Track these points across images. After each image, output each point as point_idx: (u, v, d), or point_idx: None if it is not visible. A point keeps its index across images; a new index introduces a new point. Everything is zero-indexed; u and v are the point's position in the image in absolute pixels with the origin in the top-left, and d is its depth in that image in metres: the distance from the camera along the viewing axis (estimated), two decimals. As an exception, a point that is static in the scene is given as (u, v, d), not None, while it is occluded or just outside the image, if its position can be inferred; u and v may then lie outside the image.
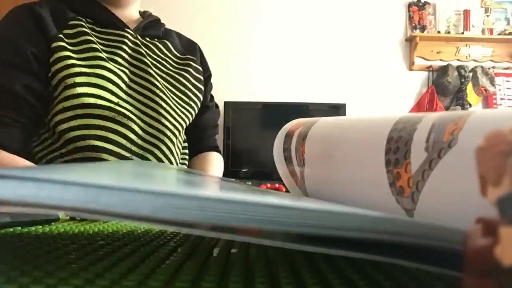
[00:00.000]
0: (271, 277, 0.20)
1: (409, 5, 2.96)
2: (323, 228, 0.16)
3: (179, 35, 0.98)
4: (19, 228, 0.35)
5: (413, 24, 2.94)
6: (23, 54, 0.73)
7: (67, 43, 0.76)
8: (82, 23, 0.80)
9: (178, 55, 0.93)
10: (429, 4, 2.96)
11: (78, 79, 0.73)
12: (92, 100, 0.73)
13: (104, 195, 0.15)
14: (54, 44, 0.74)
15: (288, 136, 0.44)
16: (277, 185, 0.90)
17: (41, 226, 0.36)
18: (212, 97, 1.02)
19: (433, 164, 0.22)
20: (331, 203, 0.25)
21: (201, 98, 0.93)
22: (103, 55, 0.78)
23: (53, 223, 0.38)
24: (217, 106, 1.05)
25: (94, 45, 0.78)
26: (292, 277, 0.20)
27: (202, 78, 0.94)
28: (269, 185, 0.89)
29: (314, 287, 0.18)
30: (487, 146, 0.13)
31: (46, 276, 0.19)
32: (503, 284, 0.11)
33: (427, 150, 0.22)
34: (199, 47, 1.00)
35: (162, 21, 0.95)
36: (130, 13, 0.88)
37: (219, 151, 1.01)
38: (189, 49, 0.96)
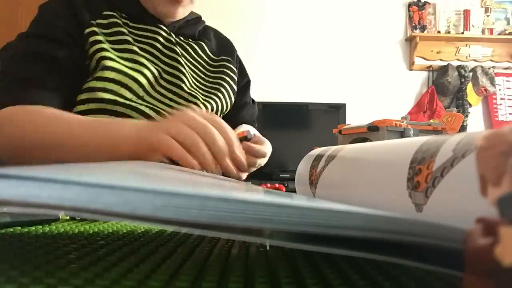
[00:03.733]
0: (271, 277, 0.20)
1: (409, 5, 2.97)
2: (323, 227, 0.16)
3: (216, 34, 0.98)
4: (19, 228, 0.35)
5: (413, 24, 2.95)
6: (61, 29, 0.74)
7: (101, 32, 0.77)
8: (116, 15, 0.80)
9: (212, 56, 0.93)
10: (429, 4, 2.96)
11: (111, 64, 0.73)
12: (108, 96, 0.72)
13: (104, 194, 0.15)
14: (87, 30, 0.75)
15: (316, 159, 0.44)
16: (277, 185, 0.91)
17: (41, 226, 0.36)
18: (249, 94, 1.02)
19: (455, 162, 0.22)
20: (334, 201, 0.25)
21: (233, 99, 0.92)
22: (136, 48, 0.78)
23: (53, 223, 0.38)
24: (253, 101, 1.04)
25: (127, 37, 0.78)
26: (292, 277, 0.20)
27: (236, 78, 0.94)
28: (269, 185, 0.89)
29: (314, 287, 0.18)
30: (487, 146, 0.13)
31: (46, 276, 0.19)
32: (503, 284, 0.11)
33: (454, 151, 0.22)
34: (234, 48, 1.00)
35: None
36: None
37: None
38: (225, 50, 0.96)
